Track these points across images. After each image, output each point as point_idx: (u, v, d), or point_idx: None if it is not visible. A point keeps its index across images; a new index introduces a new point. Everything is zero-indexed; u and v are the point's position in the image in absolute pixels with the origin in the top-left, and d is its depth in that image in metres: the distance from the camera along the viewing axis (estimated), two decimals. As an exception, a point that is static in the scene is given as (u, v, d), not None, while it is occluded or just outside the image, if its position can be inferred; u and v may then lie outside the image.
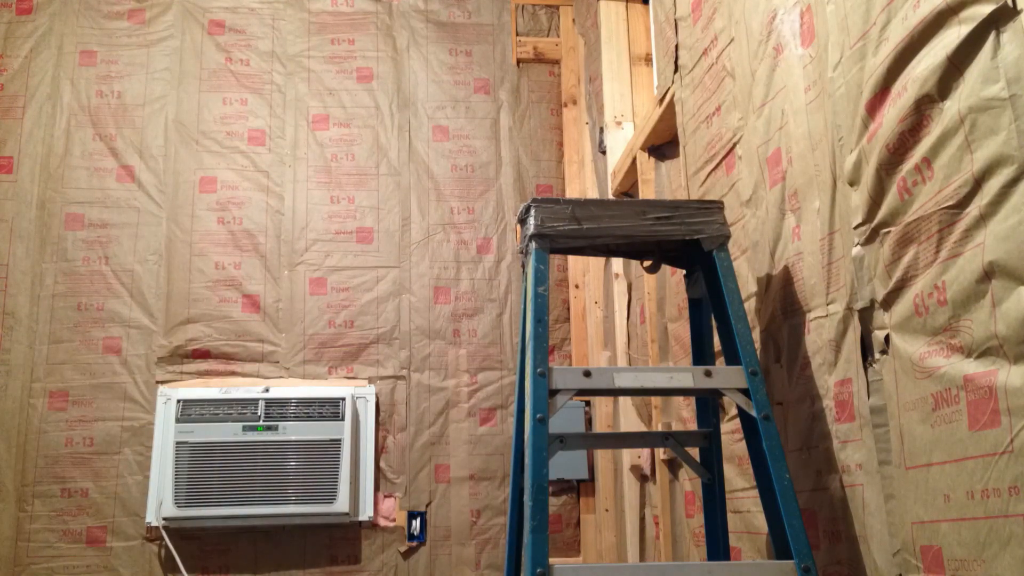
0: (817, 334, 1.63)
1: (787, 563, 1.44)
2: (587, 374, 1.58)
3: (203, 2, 3.74)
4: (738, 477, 1.95)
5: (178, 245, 3.48)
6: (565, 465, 3.37)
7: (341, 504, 3.13)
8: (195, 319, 3.42)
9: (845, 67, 1.50)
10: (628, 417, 2.95)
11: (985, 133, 1.13)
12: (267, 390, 3.26)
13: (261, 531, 3.22)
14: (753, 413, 1.55)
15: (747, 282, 1.95)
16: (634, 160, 2.89)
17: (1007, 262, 1.08)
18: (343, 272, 3.54)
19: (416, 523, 3.31)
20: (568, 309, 3.64)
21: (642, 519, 2.91)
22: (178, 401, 3.17)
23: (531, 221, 1.68)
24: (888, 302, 1.37)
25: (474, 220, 3.65)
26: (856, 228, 1.46)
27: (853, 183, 1.47)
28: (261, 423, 3.15)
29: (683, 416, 2.46)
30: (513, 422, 2.49)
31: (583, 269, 3.59)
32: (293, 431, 3.17)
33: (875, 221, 1.41)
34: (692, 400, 2.19)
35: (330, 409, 3.21)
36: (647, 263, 1.94)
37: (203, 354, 3.39)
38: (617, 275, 3.15)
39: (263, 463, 3.12)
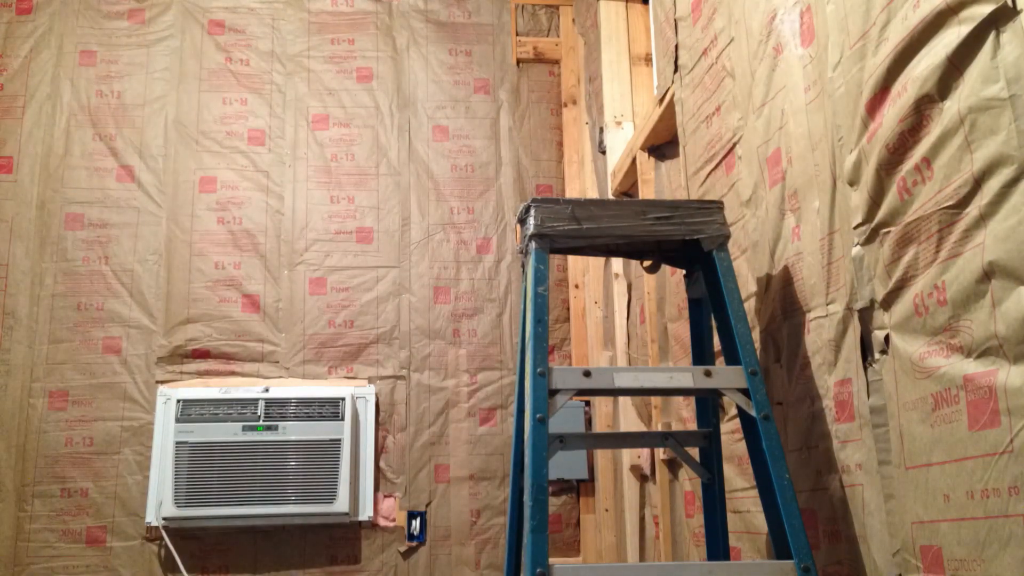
0: (817, 334, 1.63)
1: (787, 563, 1.44)
2: (587, 374, 1.58)
3: (203, 2, 3.74)
4: (738, 477, 1.95)
5: (178, 245, 3.48)
6: (565, 465, 3.37)
7: (341, 504, 3.13)
8: (195, 319, 3.42)
9: (845, 67, 1.50)
10: (628, 417, 2.95)
11: (985, 133, 1.13)
12: (267, 390, 3.26)
13: (261, 531, 3.22)
14: (753, 413, 1.55)
15: (747, 282, 1.95)
16: (634, 160, 2.89)
17: (1007, 262, 1.08)
18: (343, 272, 3.54)
19: (416, 523, 3.31)
20: (568, 309, 3.64)
21: (642, 519, 2.91)
22: (178, 401, 3.17)
23: (531, 221, 1.68)
24: (888, 302, 1.37)
25: (474, 220, 3.65)
26: (856, 228, 1.46)
27: (853, 183, 1.47)
28: (261, 423, 3.15)
29: (683, 416, 2.46)
30: (513, 422, 2.49)
31: (583, 269, 3.59)
32: (293, 431, 3.17)
33: (875, 221, 1.41)
34: (692, 400, 2.19)
35: (330, 409, 3.21)
36: (647, 263, 1.94)
37: (203, 354, 3.39)
38: (617, 275, 3.15)
39: (263, 463, 3.12)
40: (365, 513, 3.25)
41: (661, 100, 2.61)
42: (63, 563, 3.14)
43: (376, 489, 3.32)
